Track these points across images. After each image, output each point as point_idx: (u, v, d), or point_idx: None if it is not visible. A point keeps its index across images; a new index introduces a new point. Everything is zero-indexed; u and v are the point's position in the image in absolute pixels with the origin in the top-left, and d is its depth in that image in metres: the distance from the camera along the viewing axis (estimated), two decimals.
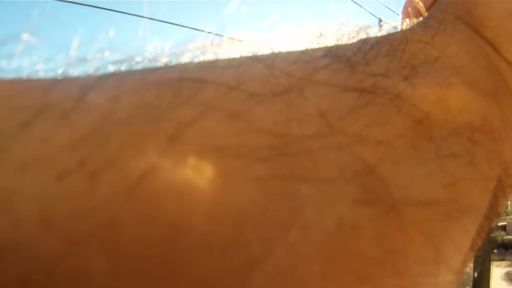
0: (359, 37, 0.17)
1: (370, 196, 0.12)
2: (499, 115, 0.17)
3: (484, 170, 0.16)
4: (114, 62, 0.13)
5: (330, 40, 0.16)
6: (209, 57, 0.14)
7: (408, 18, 0.20)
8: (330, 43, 0.16)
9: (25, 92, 0.10)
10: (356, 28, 0.17)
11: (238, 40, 0.15)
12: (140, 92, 0.11)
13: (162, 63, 0.13)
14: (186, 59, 0.13)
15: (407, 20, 0.19)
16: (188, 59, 0.13)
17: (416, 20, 0.19)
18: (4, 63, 0.12)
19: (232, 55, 0.14)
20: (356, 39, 0.17)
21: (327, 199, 0.11)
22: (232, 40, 0.15)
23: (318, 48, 0.15)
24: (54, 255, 0.08)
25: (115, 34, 0.15)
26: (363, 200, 0.12)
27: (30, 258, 0.08)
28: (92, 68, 0.13)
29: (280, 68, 0.13)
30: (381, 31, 0.18)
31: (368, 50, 0.15)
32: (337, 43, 0.16)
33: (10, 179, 0.08)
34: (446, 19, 0.19)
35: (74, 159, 0.09)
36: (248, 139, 0.11)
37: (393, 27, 0.21)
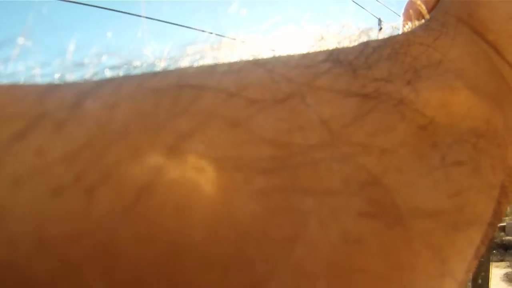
0: (360, 39, 0.16)
1: (375, 209, 0.11)
2: (502, 119, 0.17)
3: (489, 178, 0.15)
4: (112, 67, 0.13)
5: (331, 43, 0.16)
6: (208, 61, 0.13)
7: (410, 20, 0.19)
8: (331, 46, 0.16)
9: (19, 100, 0.10)
10: (358, 31, 0.17)
11: (238, 43, 0.14)
12: (138, 99, 0.11)
13: (160, 67, 0.13)
14: (185, 63, 0.13)
15: (408, 23, 0.19)
16: (187, 63, 0.13)
17: (417, 23, 0.19)
18: None
19: (232, 59, 0.13)
20: (357, 42, 0.16)
21: (331, 212, 0.11)
22: (232, 43, 0.14)
23: (319, 52, 0.15)
24: (50, 276, 0.08)
25: (113, 36, 0.14)
26: (368, 213, 0.11)
27: (25, 280, 0.08)
28: (89, 73, 0.12)
29: (281, 73, 0.13)
30: (381, 31, 0.17)
31: (370, 54, 0.15)
32: (338, 46, 0.16)
33: (3, 195, 0.08)
34: (448, 22, 0.18)
35: (69, 173, 0.09)
36: (249, 150, 0.10)
37: (393, 27, 0.20)
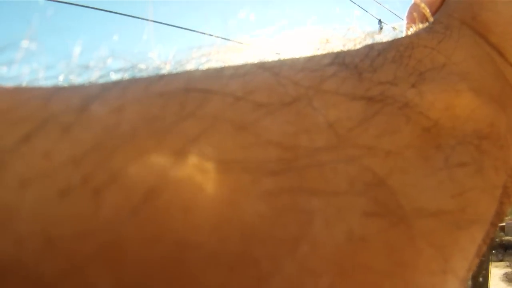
0: (365, 42, 0.16)
1: (380, 208, 0.12)
2: (505, 121, 0.17)
3: (491, 179, 0.16)
4: (117, 70, 0.13)
5: (337, 46, 0.16)
6: (214, 64, 0.13)
7: (413, 23, 0.19)
8: (336, 49, 0.16)
9: (25, 103, 0.10)
10: (363, 34, 0.17)
11: (244, 46, 0.15)
12: (145, 103, 0.11)
13: (166, 71, 0.13)
14: (191, 66, 0.13)
15: (412, 25, 0.19)
16: (193, 66, 0.13)
17: (421, 25, 0.19)
18: (3, 70, 0.12)
19: (238, 62, 0.13)
20: (362, 45, 0.16)
21: (336, 212, 0.11)
22: (238, 46, 0.14)
23: (325, 55, 0.15)
24: (57, 275, 0.08)
25: (119, 39, 0.14)
26: (373, 212, 0.11)
27: (32, 279, 0.08)
28: (94, 76, 0.12)
29: (287, 76, 0.13)
30: (381, 32, 0.17)
31: (375, 57, 0.15)
32: (343, 49, 0.16)
33: (10, 196, 0.08)
34: (452, 24, 0.18)
35: (76, 175, 0.09)
36: (256, 152, 0.10)
37: (393, 28, 0.20)
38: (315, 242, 0.10)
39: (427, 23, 0.19)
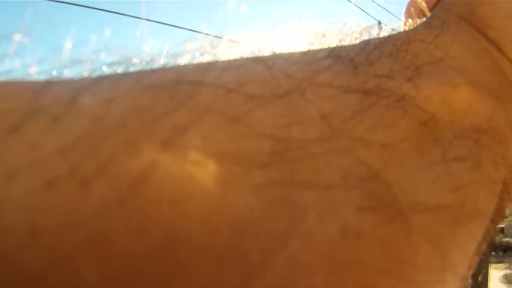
0: (361, 37, 0.16)
1: (375, 203, 0.11)
2: (504, 116, 0.17)
3: (490, 173, 0.15)
4: (110, 64, 0.12)
5: (332, 41, 0.16)
6: (208, 58, 0.13)
7: (411, 19, 0.19)
8: (332, 44, 0.16)
9: (14, 95, 0.10)
10: (359, 29, 0.17)
11: (238, 41, 0.14)
12: (135, 95, 0.10)
13: (159, 65, 0.13)
14: (184, 60, 0.13)
15: (409, 21, 0.19)
16: (186, 60, 0.13)
17: (419, 21, 0.19)
18: None
19: (231, 57, 0.13)
20: (358, 40, 0.16)
21: (330, 206, 0.11)
22: (232, 41, 0.14)
23: (320, 49, 0.15)
24: (43, 266, 0.08)
25: (112, 35, 0.14)
26: (368, 207, 0.11)
27: (17, 270, 0.08)
28: (87, 70, 0.12)
29: (281, 69, 0.13)
30: (381, 32, 0.17)
31: (371, 51, 0.15)
32: (339, 44, 0.16)
33: None
34: (450, 19, 0.18)
35: (64, 165, 0.09)
36: (248, 144, 0.10)
37: (392, 29, 0.20)
38: (308, 236, 0.10)
39: (424, 19, 0.19)
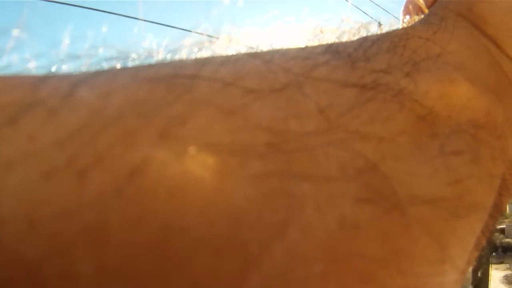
0: (359, 34, 0.16)
1: (373, 194, 0.11)
2: (502, 112, 0.17)
3: (488, 168, 0.15)
4: (108, 59, 0.12)
5: (330, 37, 0.16)
6: (205, 54, 0.13)
7: (409, 16, 0.19)
8: (330, 40, 0.16)
9: (12, 88, 0.10)
10: (357, 25, 0.17)
11: (236, 37, 0.14)
12: (132, 88, 0.10)
13: (157, 60, 0.13)
14: (182, 56, 0.13)
15: (407, 17, 0.19)
16: (184, 56, 0.13)
17: (417, 18, 0.19)
18: None
19: (229, 52, 0.13)
20: (356, 36, 0.16)
21: (327, 197, 0.11)
22: (230, 37, 0.14)
23: (318, 45, 0.15)
24: (40, 256, 0.08)
25: (110, 30, 0.14)
26: (366, 199, 0.11)
27: (14, 260, 0.08)
28: (84, 65, 0.12)
29: (279, 64, 0.13)
30: (380, 30, 0.17)
31: (369, 47, 0.15)
32: (337, 41, 0.16)
33: None
34: (447, 16, 0.18)
35: (61, 157, 0.09)
36: (244, 136, 0.10)
37: (390, 26, 0.20)
38: (306, 227, 0.10)
39: (422, 16, 0.19)
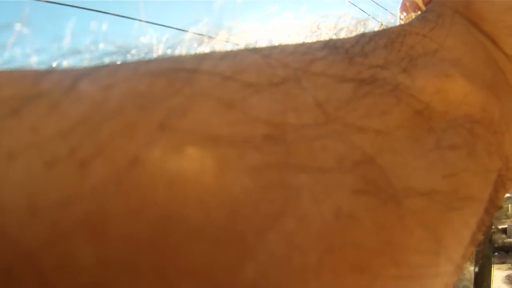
0: (357, 30, 0.17)
1: (369, 186, 0.12)
2: (498, 108, 0.17)
3: (484, 162, 0.16)
4: (109, 54, 0.13)
5: (328, 34, 0.16)
6: (205, 49, 0.13)
7: (406, 13, 0.20)
8: (328, 37, 0.16)
9: (15, 82, 0.10)
10: (354, 22, 0.17)
11: (235, 33, 0.15)
12: (133, 81, 0.11)
13: (157, 55, 0.13)
14: (182, 51, 0.13)
15: (404, 13, 0.19)
16: (184, 51, 0.13)
17: (414, 15, 0.19)
18: None
19: (228, 48, 0.14)
20: (354, 33, 0.16)
21: (324, 188, 0.11)
22: (229, 33, 0.14)
23: (316, 41, 0.15)
24: (40, 244, 0.08)
25: (110, 27, 0.14)
26: (362, 190, 0.11)
27: (15, 247, 0.08)
28: (86, 60, 0.13)
29: (277, 58, 0.13)
30: (381, 26, 0.18)
31: (366, 43, 0.15)
32: (335, 37, 0.16)
33: None
34: (445, 13, 0.19)
35: (63, 147, 0.09)
36: (243, 128, 0.10)
37: (388, 23, 0.21)
38: (302, 218, 0.10)
39: (419, 12, 0.19)
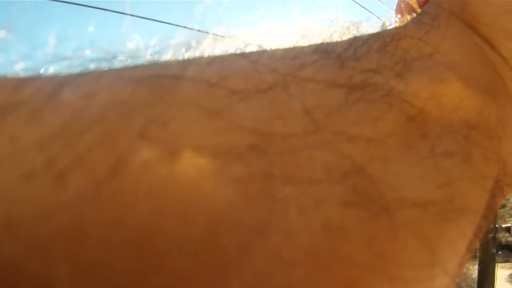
0: (350, 34, 0.16)
1: (359, 198, 0.11)
2: (495, 112, 0.17)
3: (481, 169, 0.15)
4: (95, 60, 0.12)
5: (320, 37, 0.16)
6: (193, 54, 0.13)
7: (401, 15, 0.19)
8: (320, 40, 0.16)
9: None
10: (347, 24, 0.16)
11: (223, 37, 0.14)
12: (115, 89, 0.10)
13: (143, 60, 0.13)
14: (168, 56, 0.13)
15: (398, 15, 0.19)
16: (171, 56, 0.13)
17: (409, 17, 0.19)
18: None
19: (216, 52, 0.13)
20: (347, 37, 0.16)
21: (312, 201, 0.10)
22: (217, 37, 0.14)
23: (308, 45, 0.15)
24: (18, 256, 0.08)
25: (97, 31, 0.14)
26: (352, 202, 0.11)
27: None
28: (71, 66, 0.12)
29: (266, 64, 0.13)
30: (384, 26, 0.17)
31: (359, 46, 0.15)
32: (327, 40, 0.16)
33: None
34: (440, 15, 0.18)
35: (41, 158, 0.09)
36: (227, 138, 0.10)
37: (382, 25, 0.20)
38: (289, 232, 0.10)
39: (414, 15, 0.19)
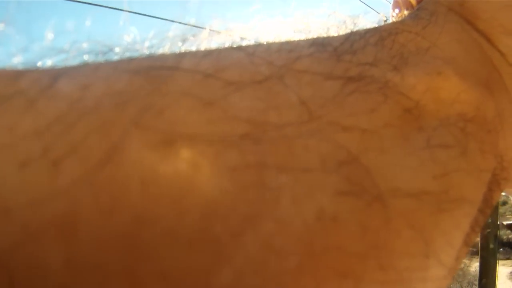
0: (347, 28, 0.16)
1: (353, 187, 0.11)
2: (493, 106, 0.17)
3: (477, 162, 0.15)
4: (93, 52, 0.13)
5: (317, 32, 0.16)
6: (189, 47, 0.13)
7: (399, 10, 0.19)
8: (317, 35, 0.16)
9: None
10: (344, 19, 0.17)
11: (219, 32, 0.14)
12: (111, 79, 0.11)
13: (140, 53, 0.13)
14: (165, 50, 0.13)
15: (396, 10, 0.19)
16: (167, 49, 0.13)
17: (407, 12, 0.19)
18: None
19: (213, 45, 0.13)
20: (344, 31, 0.16)
21: (305, 189, 0.11)
22: (213, 32, 0.14)
23: (304, 39, 0.15)
24: (11, 243, 0.08)
25: (94, 25, 0.14)
26: (346, 191, 0.11)
27: None
28: (69, 59, 0.12)
29: (262, 56, 0.13)
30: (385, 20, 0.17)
31: (356, 40, 0.15)
32: (324, 35, 0.16)
33: None
34: (438, 11, 0.18)
35: (37, 146, 0.09)
36: (222, 127, 0.10)
37: (380, 20, 0.20)
38: (282, 220, 0.10)
39: (412, 10, 0.19)
